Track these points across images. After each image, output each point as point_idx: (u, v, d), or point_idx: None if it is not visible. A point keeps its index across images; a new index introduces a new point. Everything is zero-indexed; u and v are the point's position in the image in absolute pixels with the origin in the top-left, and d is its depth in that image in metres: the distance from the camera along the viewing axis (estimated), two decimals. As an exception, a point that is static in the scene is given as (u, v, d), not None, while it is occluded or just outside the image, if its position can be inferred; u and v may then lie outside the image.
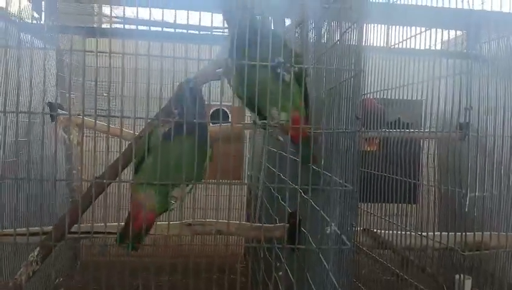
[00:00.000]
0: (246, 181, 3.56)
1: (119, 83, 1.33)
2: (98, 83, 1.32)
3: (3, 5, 2.14)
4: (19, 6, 1.60)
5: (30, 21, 2.45)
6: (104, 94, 2.75)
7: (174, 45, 1.38)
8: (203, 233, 1.46)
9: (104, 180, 1.30)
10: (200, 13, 1.36)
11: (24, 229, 1.36)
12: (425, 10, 1.85)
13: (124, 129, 1.75)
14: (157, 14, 1.51)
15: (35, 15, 2.63)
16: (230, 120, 3.20)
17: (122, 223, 1.40)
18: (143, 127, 1.41)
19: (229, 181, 1.32)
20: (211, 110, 3.45)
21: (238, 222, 1.46)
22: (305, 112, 1.46)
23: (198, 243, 2.76)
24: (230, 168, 1.49)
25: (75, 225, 1.35)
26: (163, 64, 1.28)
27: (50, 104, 2.17)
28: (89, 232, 1.37)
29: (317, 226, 1.36)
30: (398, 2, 2.08)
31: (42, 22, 2.55)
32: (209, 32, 1.64)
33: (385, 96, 2.15)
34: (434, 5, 1.82)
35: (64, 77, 2.67)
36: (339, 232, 1.22)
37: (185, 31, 1.40)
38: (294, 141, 1.48)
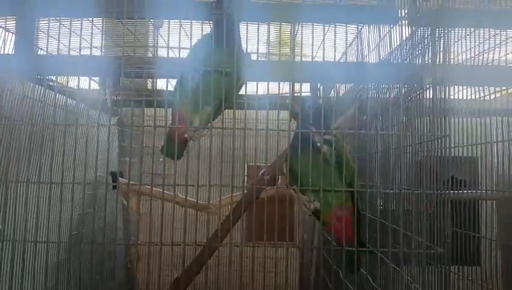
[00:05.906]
0: (298, 244, 3.50)
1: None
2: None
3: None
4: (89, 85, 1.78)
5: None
6: (160, 159, 2.90)
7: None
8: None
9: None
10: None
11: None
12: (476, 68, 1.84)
13: (178, 194, 1.83)
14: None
15: (101, 90, 2.89)
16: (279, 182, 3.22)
17: None
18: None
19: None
20: (260, 172, 3.51)
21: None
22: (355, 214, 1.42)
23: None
24: (277, 229, 1.51)
25: None
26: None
27: (112, 174, 2.32)
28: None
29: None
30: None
31: (106, 96, 2.79)
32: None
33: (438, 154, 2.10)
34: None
35: (125, 146, 2.86)
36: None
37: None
38: (338, 241, 1.45)
